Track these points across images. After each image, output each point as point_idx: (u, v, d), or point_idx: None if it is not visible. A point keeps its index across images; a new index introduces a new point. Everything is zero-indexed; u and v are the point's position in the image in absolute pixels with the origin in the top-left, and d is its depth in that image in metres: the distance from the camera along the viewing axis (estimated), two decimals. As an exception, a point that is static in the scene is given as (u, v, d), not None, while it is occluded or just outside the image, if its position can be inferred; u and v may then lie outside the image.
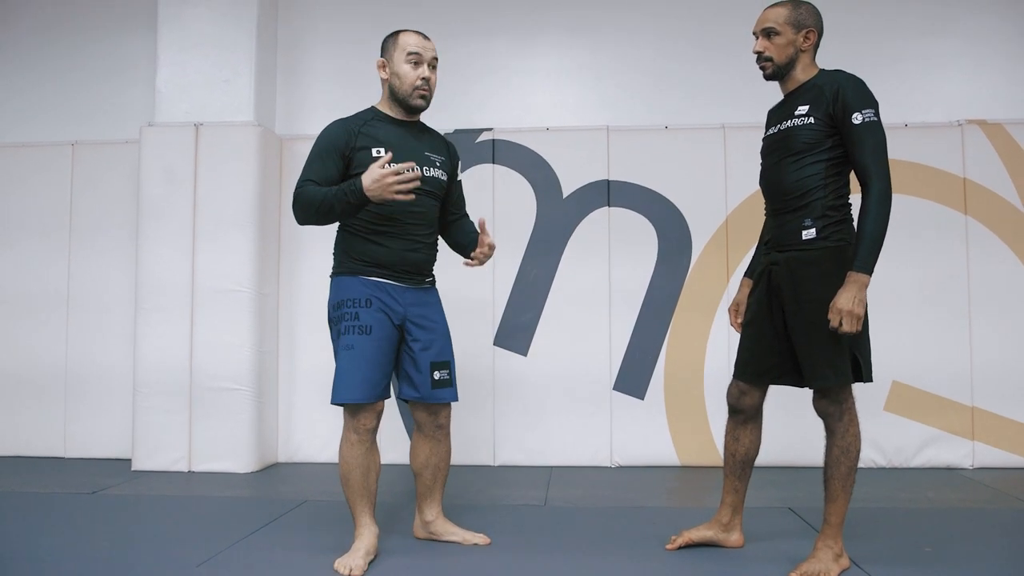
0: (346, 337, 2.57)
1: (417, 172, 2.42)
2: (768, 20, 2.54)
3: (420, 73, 2.60)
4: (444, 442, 2.76)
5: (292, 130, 4.72)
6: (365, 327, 2.55)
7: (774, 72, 2.56)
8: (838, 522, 2.46)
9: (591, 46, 4.70)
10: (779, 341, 2.53)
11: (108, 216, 4.68)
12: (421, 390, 2.65)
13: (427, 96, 2.63)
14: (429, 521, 2.79)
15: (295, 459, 4.54)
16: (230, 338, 4.21)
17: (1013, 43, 4.52)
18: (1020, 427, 4.23)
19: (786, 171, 2.49)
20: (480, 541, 2.75)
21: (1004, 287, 4.27)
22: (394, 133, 2.62)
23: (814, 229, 2.43)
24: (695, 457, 4.32)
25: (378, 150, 2.54)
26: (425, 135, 2.73)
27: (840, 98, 2.40)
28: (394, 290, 2.60)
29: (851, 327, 2.30)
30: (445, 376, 2.67)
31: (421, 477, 2.76)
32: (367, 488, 2.60)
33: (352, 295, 2.58)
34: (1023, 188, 4.31)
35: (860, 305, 2.30)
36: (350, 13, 4.76)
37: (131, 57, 4.83)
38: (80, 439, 4.61)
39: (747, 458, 2.67)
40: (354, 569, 2.47)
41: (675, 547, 2.70)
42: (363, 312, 2.56)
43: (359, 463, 2.58)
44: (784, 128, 2.51)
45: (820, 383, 2.43)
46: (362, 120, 2.64)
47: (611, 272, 4.44)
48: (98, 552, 2.73)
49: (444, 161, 2.72)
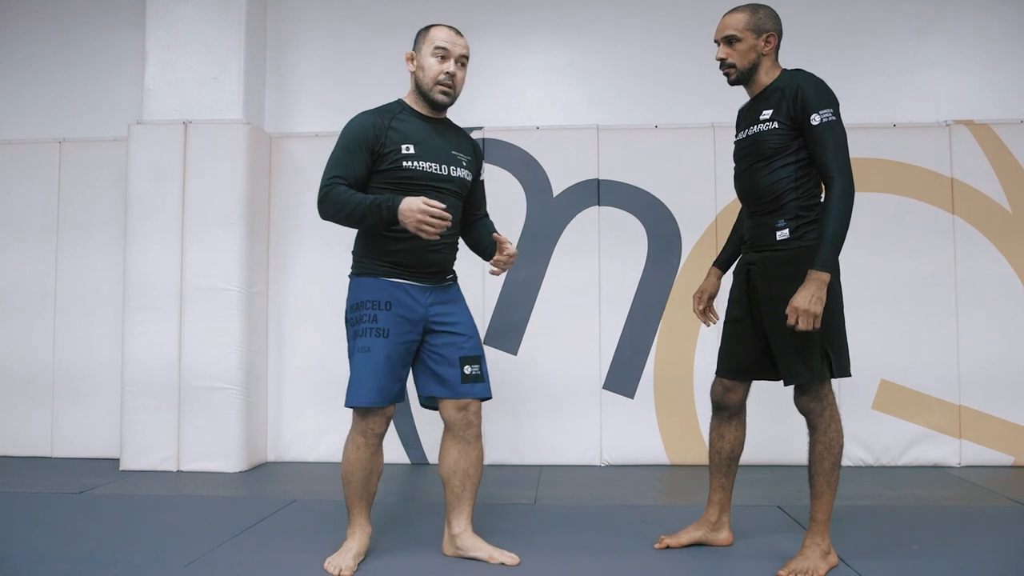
0: (363, 339, 2.49)
1: (448, 221, 2.37)
2: (728, 27, 2.56)
3: (445, 68, 2.52)
4: (475, 444, 2.59)
5: (281, 128, 4.70)
6: (383, 330, 2.48)
7: (737, 78, 2.60)
8: (825, 519, 2.47)
9: (581, 45, 4.71)
10: (758, 338, 2.57)
11: (96, 214, 4.65)
12: (451, 386, 2.55)
13: (449, 92, 2.54)
14: (456, 534, 2.61)
15: (284, 458, 4.52)
16: (219, 337, 4.19)
17: (1001, 44, 4.55)
18: (1006, 425, 4.26)
19: (758, 175, 2.52)
20: (508, 560, 2.54)
21: (991, 286, 4.30)
22: (422, 129, 2.55)
23: (787, 229, 2.46)
24: (684, 456, 4.33)
25: (407, 146, 2.49)
26: (452, 132, 2.65)
27: (800, 99, 2.42)
28: (414, 291, 2.53)
29: (807, 325, 2.33)
30: (476, 371, 2.57)
31: (449, 484, 2.60)
32: (367, 490, 2.57)
33: (371, 296, 2.51)
34: (1010, 188, 4.34)
35: (818, 303, 2.32)
36: (340, 11, 4.74)
37: (119, 54, 4.80)
38: (67, 438, 4.59)
39: (732, 455, 2.69)
40: (343, 570, 2.45)
41: (663, 547, 2.71)
42: (381, 314, 2.48)
43: (363, 466, 2.53)
44: (752, 133, 2.55)
45: (794, 380, 2.46)
46: (391, 113, 2.55)
47: (601, 271, 4.44)
48: (85, 552, 2.71)
49: (470, 161, 2.65)
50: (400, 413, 4.36)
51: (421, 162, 2.49)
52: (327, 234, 4.56)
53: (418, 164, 2.48)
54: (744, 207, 2.66)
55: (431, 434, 4.34)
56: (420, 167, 2.49)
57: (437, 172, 2.52)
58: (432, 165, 2.51)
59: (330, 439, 4.44)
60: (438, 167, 2.53)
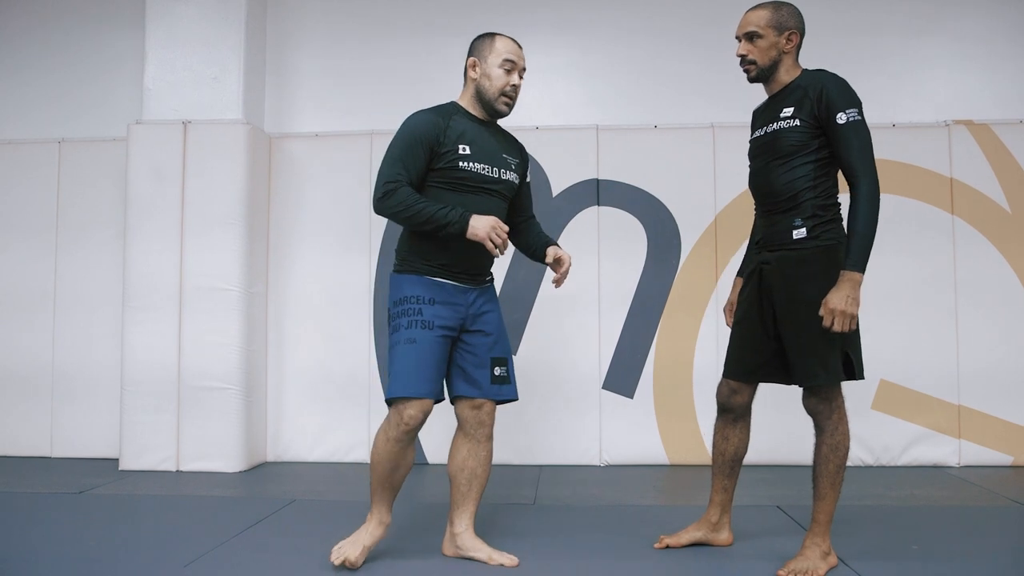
0: (409, 331, 2.50)
1: (507, 247, 2.50)
2: (750, 23, 2.54)
3: (511, 80, 2.60)
4: (484, 445, 2.63)
5: (281, 128, 4.70)
6: (428, 323, 2.50)
7: (758, 75, 2.57)
8: (826, 520, 2.47)
9: (581, 45, 4.71)
10: (769, 340, 2.53)
11: (95, 214, 4.65)
12: (480, 386, 2.59)
13: (511, 104, 2.63)
14: (457, 533, 2.62)
15: (284, 458, 4.52)
16: (218, 337, 4.19)
17: (1000, 44, 4.55)
18: (1006, 425, 4.26)
19: (775, 173, 2.50)
20: (507, 562, 2.55)
21: (990, 286, 4.30)
22: (477, 131, 2.61)
23: (804, 229, 2.44)
24: (684, 455, 4.33)
25: (463, 147, 2.54)
26: (502, 136, 2.72)
27: (824, 99, 2.40)
28: (455, 291, 2.57)
29: (843, 326, 2.31)
30: (504, 372, 2.63)
31: (456, 482, 2.63)
32: (391, 483, 2.56)
33: (416, 292, 2.54)
34: (1009, 188, 4.34)
35: (853, 304, 2.31)
36: (339, 11, 4.73)
37: (119, 54, 4.79)
38: (67, 438, 4.58)
39: (736, 457, 2.68)
40: (349, 561, 2.47)
41: (662, 546, 2.71)
42: (426, 308, 2.51)
43: (391, 459, 2.52)
44: (771, 131, 2.52)
45: (812, 382, 2.43)
46: (448, 114, 2.60)
47: (600, 271, 4.44)
48: (85, 552, 2.71)
49: (518, 164, 2.71)
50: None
51: (475, 163, 2.54)
52: (327, 234, 4.59)
53: (472, 165, 2.54)
54: (758, 206, 2.63)
55: (431, 435, 4.32)
56: (474, 168, 2.54)
57: (488, 174, 2.57)
58: (485, 167, 2.57)
59: (330, 439, 4.44)
60: (490, 169, 2.58)
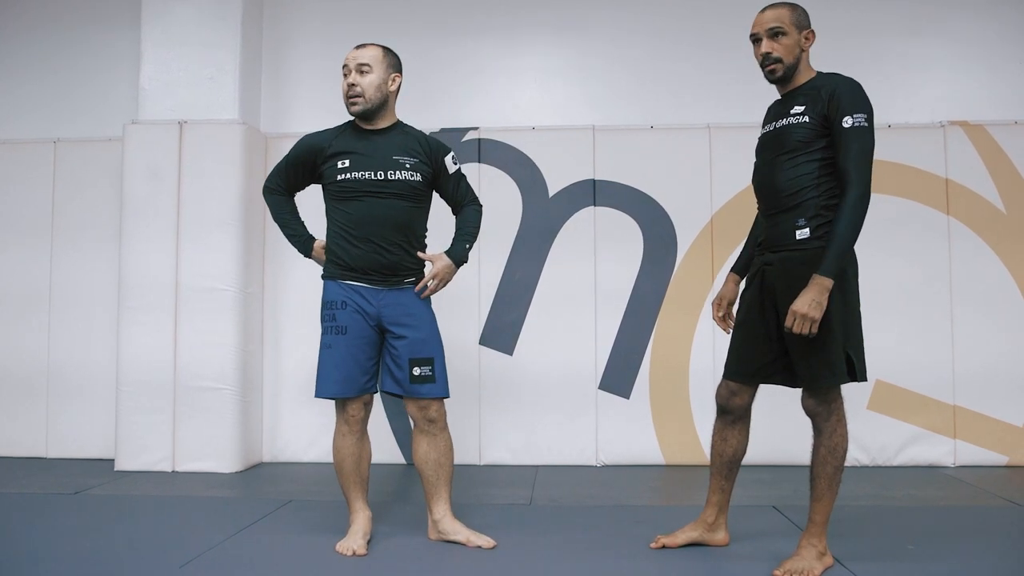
0: (326, 337, 2.78)
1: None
2: (773, 20, 2.49)
3: (346, 83, 2.76)
4: (440, 436, 2.79)
5: (277, 128, 4.69)
6: (341, 327, 2.74)
7: (784, 74, 2.50)
8: (823, 520, 2.47)
9: (578, 45, 4.71)
10: (771, 341, 2.52)
11: (91, 214, 4.64)
12: (402, 385, 2.76)
13: (358, 101, 2.74)
14: (437, 520, 2.79)
15: (280, 459, 4.52)
16: (214, 337, 4.18)
17: (996, 45, 4.56)
18: (1001, 425, 4.27)
19: (779, 169, 2.49)
20: (484, 543, 2.72)
21: (985, 287, 4.31)
22: (362, 143, 2.78)
23: (808, 229, 2.43)
24: (680, 456, 4.33)
25: (343, 161, 2.74)
26: (398, 138, 2.81)
27: (835, 99, 2.40)
28: (367, 292, 2.75)
29: (803, 330, 2.31)
30: (427, 372, 2.74)
31: (424, 474, 2.80)
32: (359, 475, 2.79)
33: (331, 297, 2.78)
34: (1004, 189, 4.35)
35: (816, 308, 2.30)
36: (335, 11, 4.73)
37: (115, 54, 4.78)
38: (63, 439, 4.57)
39: (735, 459, 2.68)
40: (357, 550, 2.62)
41: (659, 546, 2.71)
42: (339, 313, 2.75)
43: (350, 452, 2.76)
44: (779, 126, 2.51)
45: (816, 384, 2.43)
46: (336, 133, 2.83)
47: (597, 271, 4.44)
48: (81, 553, 2.71)
49: (417, 162, 2.78)
50: (396, 414, 4.36)
51: (356, 172, 2.72)
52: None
53: (352, 175, 2.73)
54: (761, 206, 2.62)
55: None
56: (355, 176, 2.73)
57: (373, 179, 2.73)
58: (367, 173, 2.73)
59: (326, 439, 4.37)
60: (374, 174, 2.73)
